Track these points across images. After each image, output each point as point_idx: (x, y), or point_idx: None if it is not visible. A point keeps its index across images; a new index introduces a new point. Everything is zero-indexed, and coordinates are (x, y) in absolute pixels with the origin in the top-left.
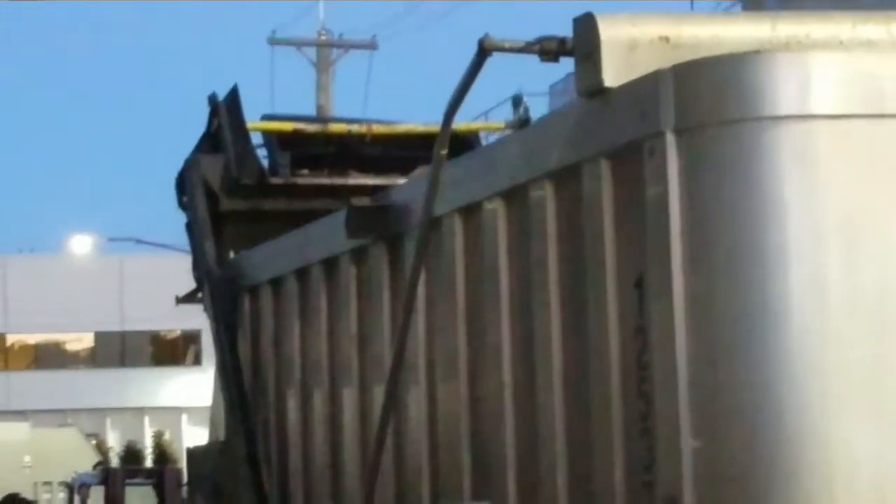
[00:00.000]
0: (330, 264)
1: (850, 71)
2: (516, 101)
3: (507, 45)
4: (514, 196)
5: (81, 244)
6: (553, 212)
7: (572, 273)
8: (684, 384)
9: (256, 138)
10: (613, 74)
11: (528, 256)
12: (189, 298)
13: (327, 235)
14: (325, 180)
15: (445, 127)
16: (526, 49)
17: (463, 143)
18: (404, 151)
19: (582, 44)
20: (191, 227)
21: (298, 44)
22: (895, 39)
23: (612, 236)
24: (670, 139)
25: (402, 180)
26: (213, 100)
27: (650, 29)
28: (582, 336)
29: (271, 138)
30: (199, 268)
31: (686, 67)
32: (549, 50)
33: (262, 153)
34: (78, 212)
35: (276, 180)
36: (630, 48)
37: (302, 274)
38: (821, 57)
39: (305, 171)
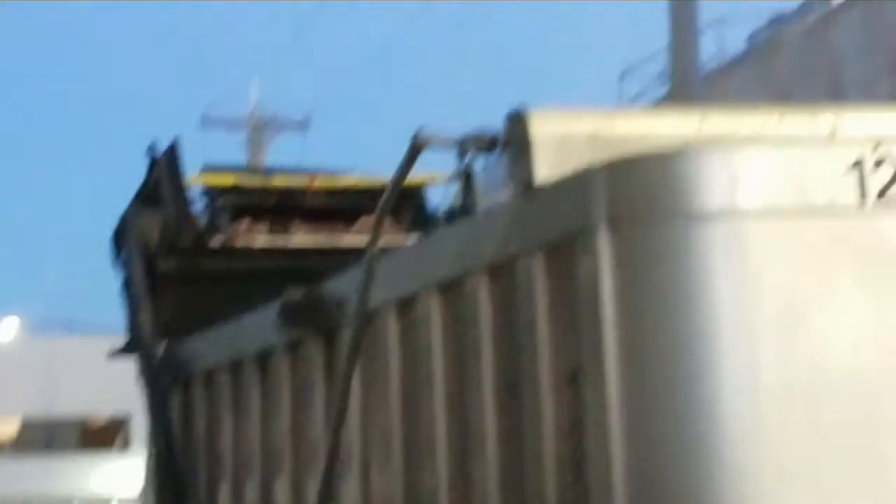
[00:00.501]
0: (264, 357)
1: (777, 166)
2: (462, 147)
3: (439, 139)
4: (449, 289)
5: (8, 326)
6: (488, 305)
7: (508, 367)
8: (620, 478)
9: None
10: (546, 170)
11: (463, 350)
12: (121, 353)
13: (261, 327)
14: (264, 242)
15: (378, 223)
16: (459, 143)
17: (407, 198)
18: (347, 202)
19: (514, 140)
20: (126, 289)
21: (231, 123)
22: (818, 134)
23: (547, 330)
24: (603, 234)
25: (345, 234)
26: (152, 152)
27: (582, 125)
28: (517, 430)
29: (211, 191)
30: (134, 340)
31: (617, 164)
32: (481, 145)
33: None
34: (3, 293)
35: (214, 242)
36: (562, 144)
37: (235, 366)
38: (748, 152)
39: (246, 222)
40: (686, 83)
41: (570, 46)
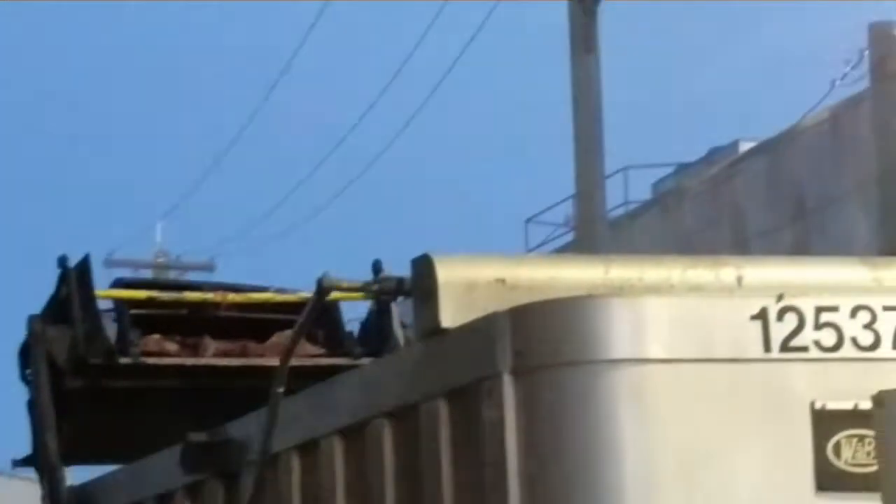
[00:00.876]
0: (164, 500)
1: (682, 315)
2: (375, 268)
3: (345, 285)
4: (352, 433)
5: None
6: (391, 450)
7: None
8: None
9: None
10: (451, 315)
11: (366, 496)
12: (23, 464)
13: (163, 470)
14: (175, 360)
15: (283, 365)
16: (364, 289)
17: (321, 316)
18: (259, 315)
19: (420, 284)
20: (32, 406)
21: (135, 265)
22: (722, 284)
23: (451, 477)
24: (507, 381)
25: (257, 350)
26: (63, 264)
27: (487, 271)
28: None
29: (122, 305)
30: (40, 464)
31: (522, 310)
32: (387, 290)
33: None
34: None
35: (124, 360)
36: (468, 289)
37: None
38: (653, 301)
39: (157, 338)
40: (592, 230)
41: (476, 193)
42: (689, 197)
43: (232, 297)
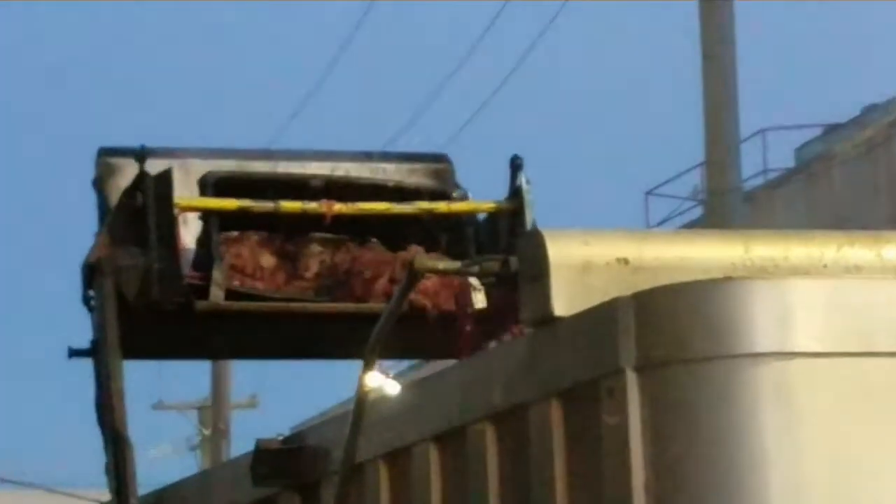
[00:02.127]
0: None
1: (836, 301)
2: (514, 164)
3: (440, 267)
4: (450, 439)
5: None
6: (494, 459)
7: None
8: None
9: None
10: (565, 301)
11: None
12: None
13: (231, 481)
14: (264, 305)
15: (369, 361)
16: (462, 271)
17: (452, 228)
18: (367, 229)
19: (528, 265)
20: (96, 349)
21: (182, 408)
22: (885, 264)
23: (565, 491)
24: (631, 378)
25: (368, 256)
26: (140, 159)
27: (607, 249)
28: None
29: (208, 217)
30: (103, 426)
31: (649, 295)
32: (489, 272)
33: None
34: None
35: (204, 305)
36: (584, 271)
37: None
38: (802, 284)
39: (253, 240)
40: (724, 203)
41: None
42: (839, 163)
43: (339, 207)
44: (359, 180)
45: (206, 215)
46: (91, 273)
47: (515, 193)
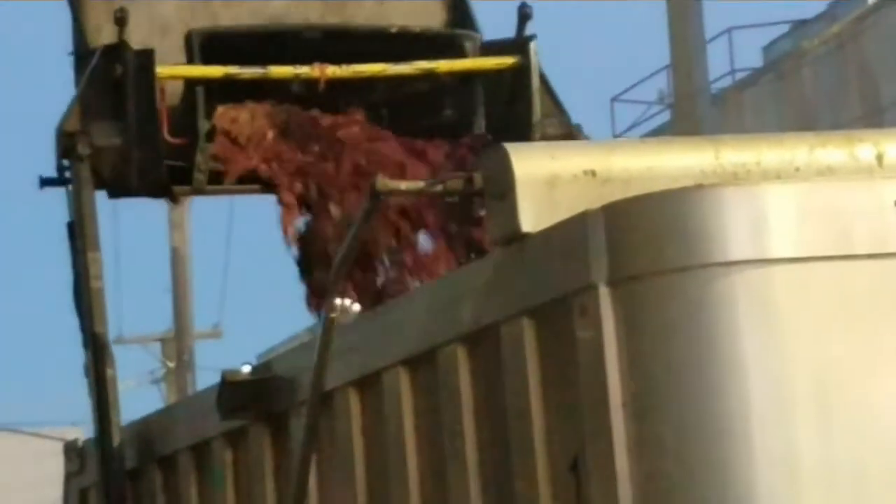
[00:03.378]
0: (200, 450)
1: (810, 204)
2: (523, 13)
3: (402, 187)
4: (420, 363)
5: None
6: (467, 381)
7: (494, 455)
8: None
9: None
10: (532, 217)
11: (438, 436)
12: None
13: (196, 415)
14: (248, 187)
15: (336, 281)
16: (426, 190)
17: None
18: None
19: (493, 182)
20: (72, 234)
21: (144, 340)
22: (858, 164)
23: (540, 410)
24: (604, 293)
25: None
26: (122, 37)
27: (573, 162)
28: None
29: (192, 87)
30: (84, 328)
31: (618, 207)
32: (453, 190)
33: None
34: None
35: (184, 190)
36: (550, 185)
37: (167, 463)
38: (775, 189)
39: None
40: (692, 107)
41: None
42: (808, 61)
43: (333, 70)
44: (357, 28)
45: (190, 82)
46: (65, 143)
47: (522, 47)
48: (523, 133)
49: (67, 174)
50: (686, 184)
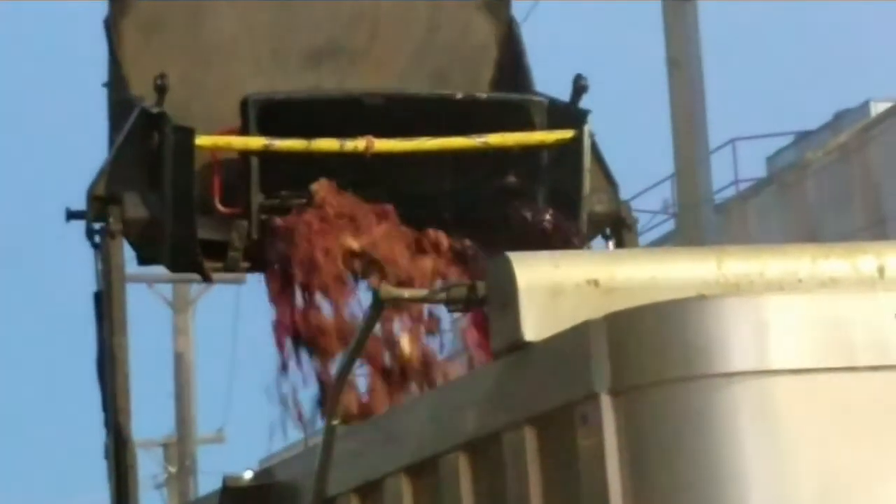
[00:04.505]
0: None
1: (813, 316)
2: (579, 86)
3: (406, 295)
4: (422, 470)
5: None
6: (469, 490)
7: None
8: None
9: None
10: (535, 327)
11: None
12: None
13: None
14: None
15: (338, 388)
16: (429, 298)
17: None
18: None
19: (496, 291)
20: (99, 303)
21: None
22: (862, 276)
23: None
24: (606, 402)
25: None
26: (161, 109)
27: (577, 271)
28: None
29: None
30: (106, 411)
31: (621, 317)
32: (456, 298)
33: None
34: None
35: (217, 267)
36: (554, 294)
37: None
38: (778, 300)
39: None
40: (696, 216)
41: None
42: (812, 172)
43: (381, 144)
44: (420, 95)
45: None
46: (97, 207)
47: (577, 121)
48: (571, 207)
49: (97, 238)
50: (689, 294)
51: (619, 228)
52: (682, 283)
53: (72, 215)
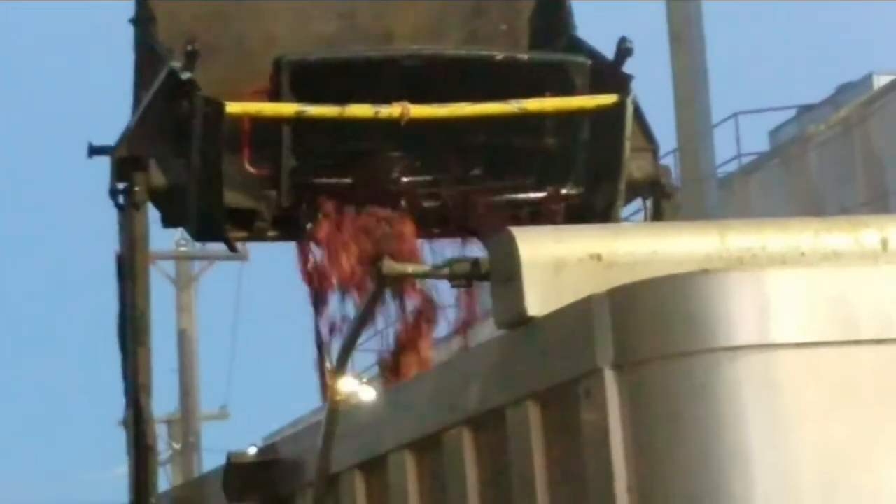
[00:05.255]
0: None
1: (816, 289)
2: (623, 49)
3: (409, 270)
4: (426, 447)
5: None
6: (472, 464)
7: None
8: None
9: None
10: (538, 301)
11: None
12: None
13: (203, 497)
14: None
15: (341, 364)
16: (432, 273)
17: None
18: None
19: (499, 266)
20: (120, 266)
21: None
22: (864, 250)
23: (546, 494)
24: (609, 377)
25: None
26: (192, 78)
27: (579, 246)
28: None
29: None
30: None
31: (624, 291)
32: (459, 273)
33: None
34: None
35: (242, 237)
36: (556, 269)
37: None
38: (781, 274)
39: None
40: (698, 190)
41: None
42: (814, 145)
43: (417, 110)
44: (459, 55)
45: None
46: (121, 167)
47: (621, 84)
48: (611, 173)
49: (121, 199)
50: (691, 268)
51: (658, 196)
52: (685, 258)
53: (94, 151)
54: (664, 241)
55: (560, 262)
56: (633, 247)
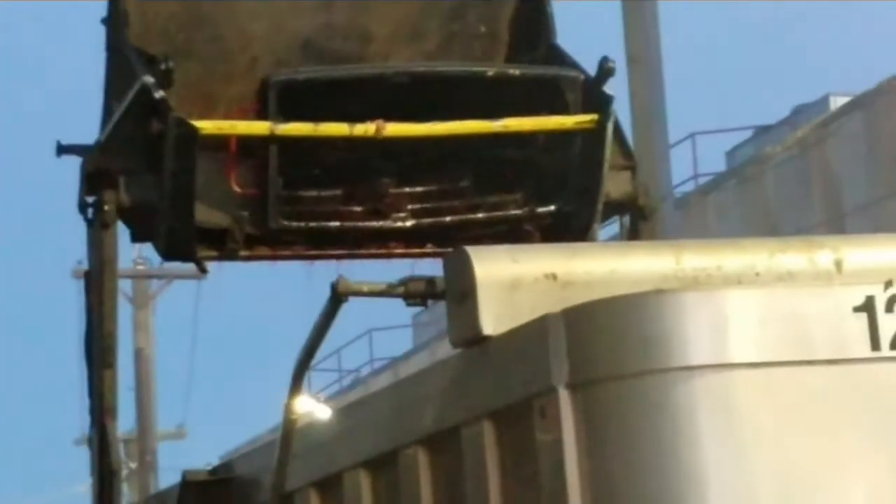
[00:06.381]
0: None
1: (770, 309)
2: (605, 68)
3: (364, 289)
4: (381, 465)
5: None
6: (427, 484)
7: None
8: None
9: None
10: (493, 320)
11: None
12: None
13: None
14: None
15: (296, 383)
16: (387, 292)
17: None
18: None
19: (454, 285)
20: (89, 285)
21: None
22: (818, 270)
23: None
24: (564, 396)
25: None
26: (165, 98)
27: (535, 265)
28: None
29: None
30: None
31: (579, 311)
32: (414, 293)
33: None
34: None
35: (210, 256)
36: (512, 288)
37: None
38: (735, 294)
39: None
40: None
41: None
42: (771, 166)
43: (392, 128)
44: (449, 72)
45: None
46: (91, 182)
47: (603, 105)
48: (589, 192)
49: (90, 213)
50: (647, 288)
51: (635, 217)
52: (641, 277)
53: (63, 149)
54: (620, 261)
55: (516, 281)
56: (589, 266)
